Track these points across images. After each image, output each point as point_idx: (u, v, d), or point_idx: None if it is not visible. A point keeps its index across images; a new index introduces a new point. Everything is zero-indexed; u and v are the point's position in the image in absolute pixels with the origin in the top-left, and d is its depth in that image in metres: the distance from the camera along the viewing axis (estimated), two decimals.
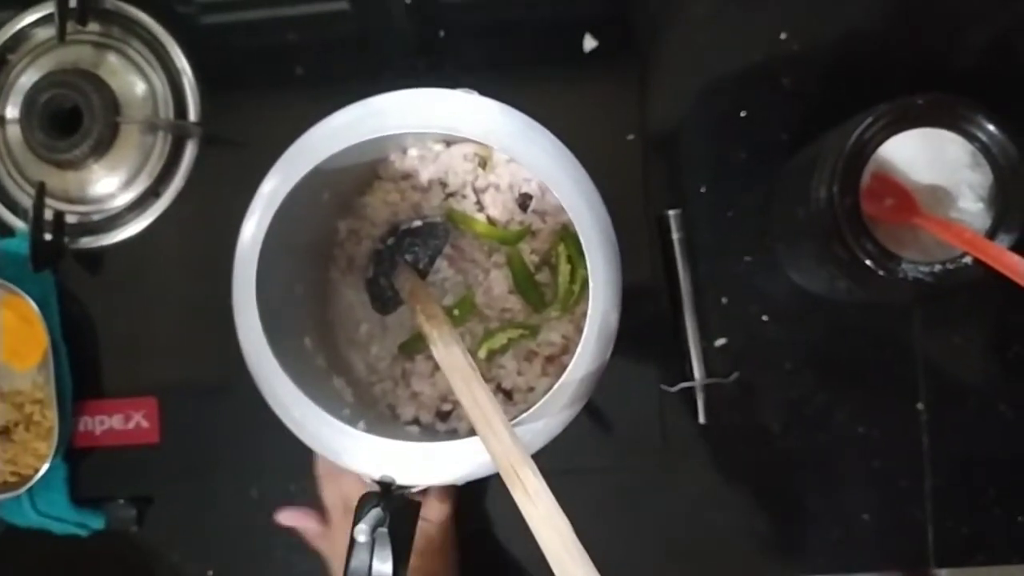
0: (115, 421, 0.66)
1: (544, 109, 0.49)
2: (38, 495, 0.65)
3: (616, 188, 0.49)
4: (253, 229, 0.47)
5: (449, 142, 0.55)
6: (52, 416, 0.63)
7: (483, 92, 0.49)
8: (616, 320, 0.44)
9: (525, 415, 0.44)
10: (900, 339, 0.64)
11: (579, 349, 0.43)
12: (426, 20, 0.66)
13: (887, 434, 0.64)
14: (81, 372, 0.66)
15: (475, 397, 0.42)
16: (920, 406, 0.64)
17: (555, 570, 0.37)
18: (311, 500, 0.65)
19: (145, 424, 0.66)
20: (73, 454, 0.66)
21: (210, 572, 0.67)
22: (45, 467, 0.63)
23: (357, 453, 0.46)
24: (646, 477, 0.65)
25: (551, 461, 0.43)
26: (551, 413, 0.44)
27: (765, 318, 0.65)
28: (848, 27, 0.65)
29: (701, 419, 0.64)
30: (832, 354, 0.65)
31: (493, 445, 0.41)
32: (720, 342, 0.65)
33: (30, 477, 0.63)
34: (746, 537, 0.65)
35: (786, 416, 0.64)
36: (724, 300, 0.65)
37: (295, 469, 0.64)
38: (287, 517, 0.63)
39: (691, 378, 0.64)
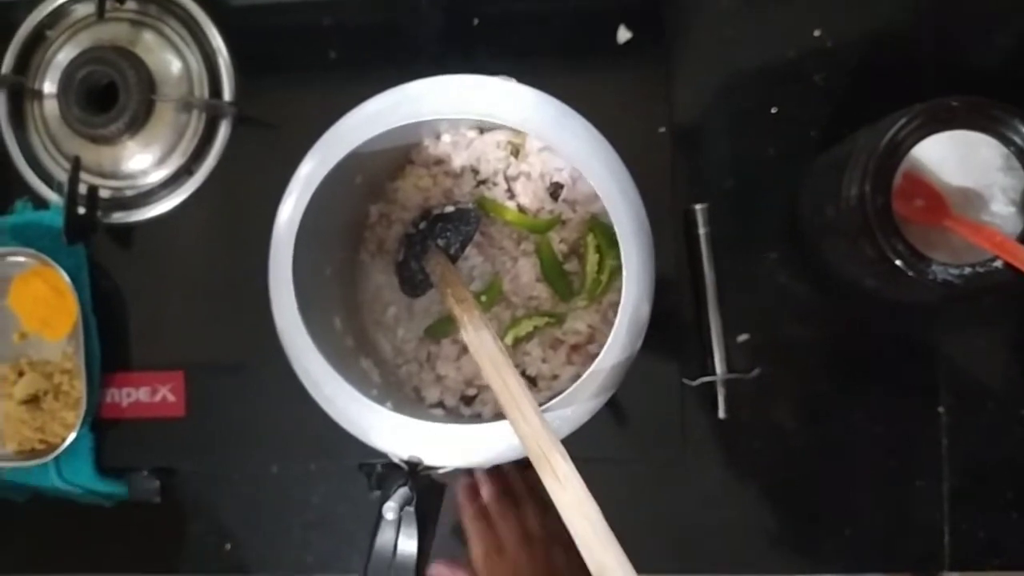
0: (142, 394, 0.67)
1: (576, 100, 0.49)
2: (64, 463, 0.66)
3: (645, 181, 0.49)
4: (290, 210, 0.47)
5: (483, 129, 0.55)
6: (80, 387, 0.64)
7: (517, 81, 0.49)
8: (648, 311, 0.44)
9: (554, 402, 0.44)
10: (923, 340, 0.64)
11: (610, 338, 0.44)
12: (459, 8, 0.66)
13: (906, 434, 0.64)
14: (110, 345, 0.67)
15: (505, 381, 0.43)
16: (941, 408, 0.63)
17: (585, 557, 0.37)
18: (328, 478, 0.66)
19: (171, 398, 0.67)
20: (99, 425, 0.67)
21: (228, 545, 0.68)
22: (72, 436, 0.64)
23: (384, 431, 0.47)
24: (663, 469, 0.65)
25: (570, 449, 0.43)
26: (580, 400, 0.44)
27: (788, 315, 0.65)
28: (882, 26, 0.64)
29: (721, 414, 0.64)
30: (854, 353, 0.65)
31: (523, 429, 0.41)
32: (742, 338, 0.65)
33: (57, 445, 0.64)
34: (761, 533, 0.65)
35: (805, 413, 0.64)
36: (747, 296, 0.65)
37: (316, 447, 0.65)
38: (438, 570, 0.60)
39: (712, 373, 0.64)
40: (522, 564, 0.55)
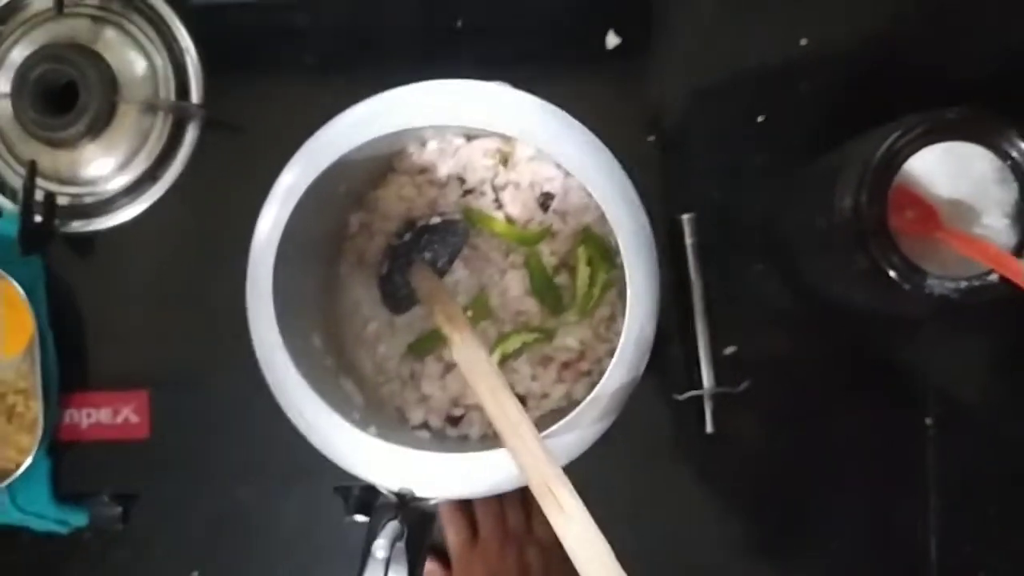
0: (103, 415, 0.64)
1: (562, 106, 0.47)
2: (19, 490, 0.62)
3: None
4: (270, 224, 0.45)
5: (470, 136, 0.53)
6: (36, 407, 0.61)
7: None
8: (652, 331, 0.43)
9: (555, 428, 0.42)
10: (911, 353, 0.63)
11: (614, 359, 0.42)
12: (441, 10, 0.64)
13: (893, 448, 0.63)
14: (68, 362, 0.63)
15: (502, 406, 0.41)
16: (928, 421, 0.63)
17: None
18: (301, 501, 0.64)
19: (134, 418, 0.64)
20: (57, 448, 0.63)
21: (195, 573, 0.65)
22: (28, 461, 0.60)
23: (372, 462, 0.44)
24: (652, 483, 0.64)
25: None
26: (582, 426, 0.42)
27: (776, 327, 0.64)
28: (870, 35, 0.64)
29: (709, 428, 0.63)
30: (842, 366, 0.64)
31: (523, 458, 0.39)
32: (729, 350, 0.64)
33: (11, 472, 0.60)
34: (749, 548, 0.64)
35: (793, 426, 0.63)
36: (734, 308, 0.63)
37: (288, 469, 0.63)
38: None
39: (699, 386, 0.62)
40: (492, 557, 0.55)
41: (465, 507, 0.58)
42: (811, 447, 0.63)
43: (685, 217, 0.63)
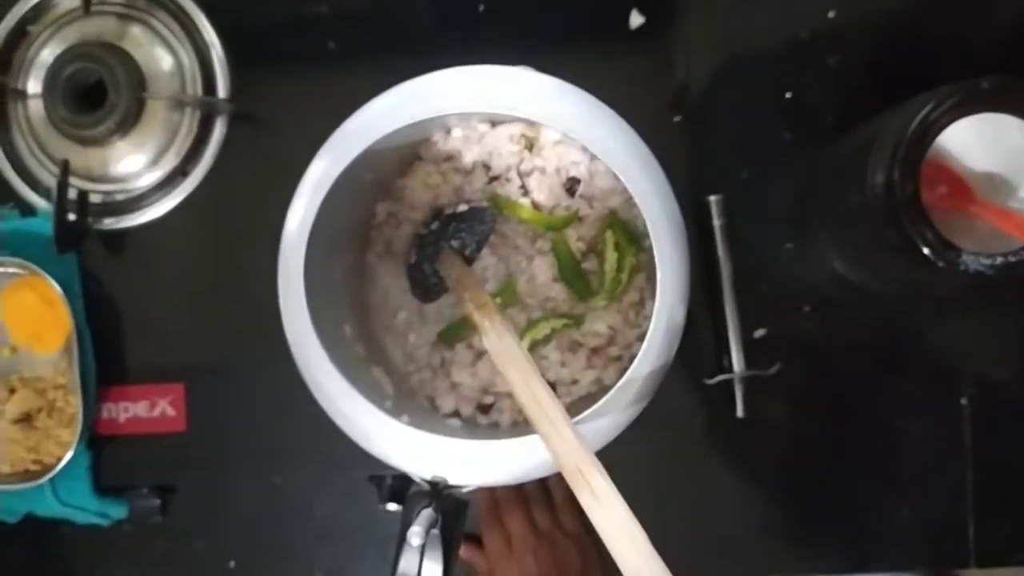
0: (140, 408, 0.64)
1: (587, 88, 0.47)
2: (60, 484, 0.63)
3: None
4: (301, 215, 0.45)
5: (495, 122, 0.53)
6: (76, 402, 0.61)
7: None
8: (683, 315, 0.42)
9: (587, 413, 0.42)
10: (944, 332, 0.63)
11: (645, 343, 0.41)
12: None
13: (929, 429, 0.62)
14: (105, 357, 0.64)
15: (534, 392, 0.40)
16: (963, 400, 0.62)
17: None
18: (335, 490, 0.64)
19: (171, 412, 0.64)
20: (96, 442, 0.64)
21: (232, 563, 0.66)
22: (68, 455, 0.61)
23: (404, 450, 0.44)
24: (683, 469, 0.63)
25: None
26: (615, 411, 0.42)
27: (806, 308, 0.63)
28: (896, 7, 0.63)
29: (739, 412, 0.62)
30: (874, 346, 0.63)
31: (556, 444, 0.39)
32: (759, 333, 0.63)
33: (53, 466, 0.61)
34: (784, 532, 0.63)
35: (826, 409, 0.63)
36: (764, 289, 0.63)
37: (321, 458, 0.63)
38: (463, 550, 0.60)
39: (729, 370, 0.62)
40: (526, 558, 0.55)
41: (497, 511, 0.58)
42: (843, 430, 0.63)
43: (712, 198, 0.62)
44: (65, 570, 0.67)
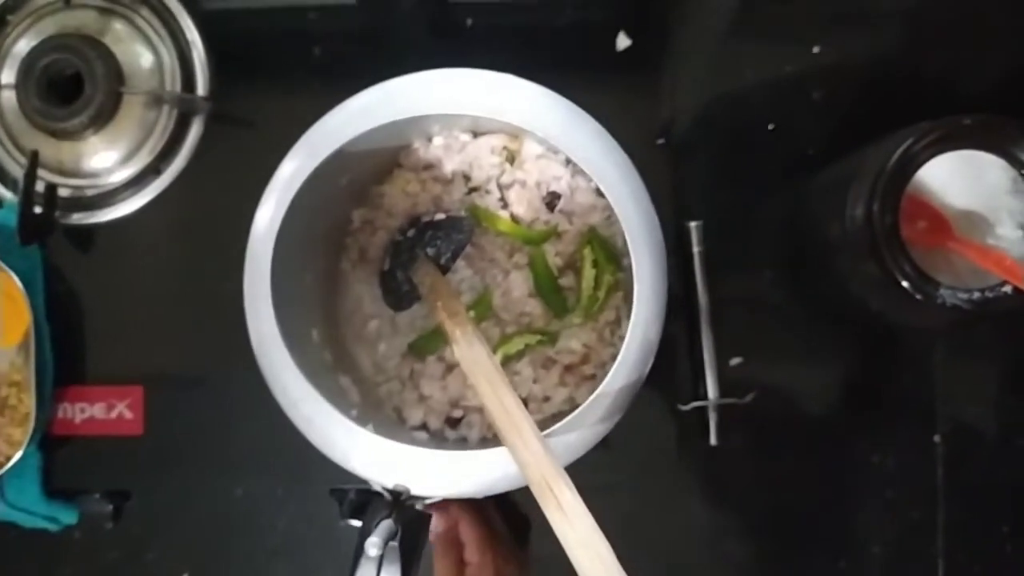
0: (97, 410, 0.62)
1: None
2: (8, 485, 0.61)
3: None
4: (270, 213, 0.44)
5: (476, 133, 0.52)
6: (29, 401, 0.59)
7: None
8: (659, 331, 0.42)
9: (557, 427, 0.41)
10: (920, 367, 0.62)
11: (619, 358, 0.41)
12: (452, 8, 0.63)
13: (902, 463, 0.62)
14: (64, 356, 0.62)
15: (503, 403, 0.40)
16: (936, 437, 0.62)
17: None
18: (295, 504, 0.62)
19: (129, 415, 0.62)
20: (49, 442, 0.62)
21: (186, 574, 0.63)
22: (18, 455, 0.59)
23: (367, 457, 0.43)
24: (653, 494, 0.62)
25: None
26: (585, 426, 0.41)
27: (783, 338, 0.63)
28: (881, 44, 0.63)
29: (713, 440, 0.61)
30: (850, 379, 0.63)
31: (523, 456, 0.38)
32: (735, 361, 0.62)
33: (1, 465, 0.59)
34: (754, 562, 0.62)
35: (799, 440, 0.62)
36: (741, 318, 0.62)
37: (283, 470, 0.62)
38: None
39: (704, 397, 0.61)
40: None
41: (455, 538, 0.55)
42: (816, 462, 0.62)
43: (692, 224, 0.62)
44: None
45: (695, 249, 0.62)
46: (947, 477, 0.61)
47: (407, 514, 0.41)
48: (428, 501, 0.44)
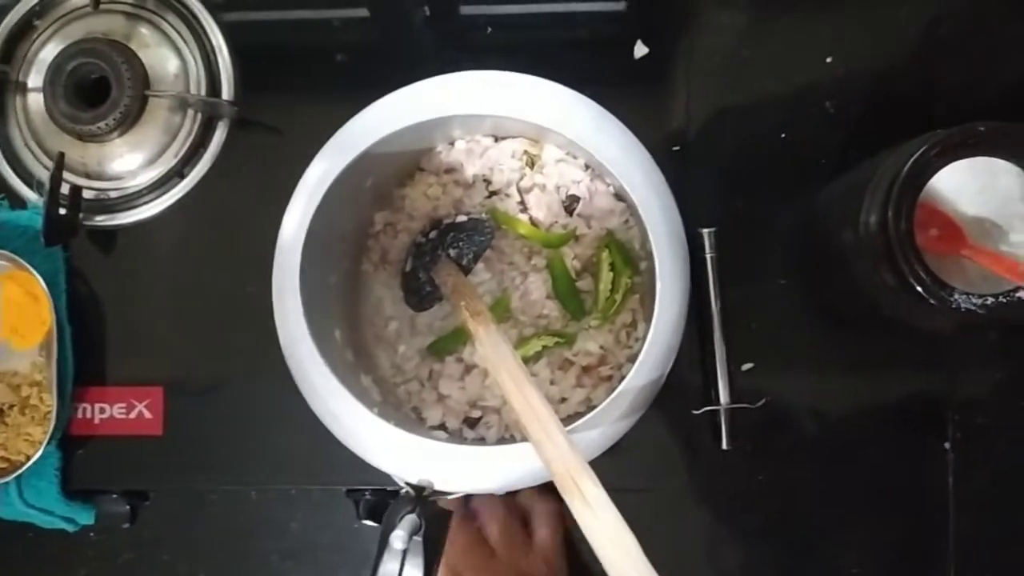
0: (116, 410, 0.63)
1: None
2: (27, 484, 0.61)
3: None
4: (299, 215, 0.45)
5: (498, 137, 0.53)
6: (50, 400, 0.60)
7: None
8: (682, 330, 0.42)
9: (580, 423, 0.41)
10: (931, 375, 0.62)
11: (640, 356, 0.41)
12: (471, 16, 0.64)
13: (912, 472, 0.62)
14: (85, 356, 0.63)
15: (527, 399, 0.40)
16: (947, 445, 0.62)
17: None
18: (312, 506, 0.63)
19: (148, 415, 0.63)
20: (68, 442, 0.63)
21: (201, 575, 0.64)
22: (38, 454, 0.59)
23: (390, 452, 0.43)
24: (666, 500, 0.63)
25: None
26: (607, 422, 0.41)
27: (795, 344, 0.63)
28: (893, 54, 0.64)
29: (724, 445, 0.62)
30: (861, 385, 0.63)
31: (548, 451, 0.38)
32: (747, 366, 0.63)
33: (20, 464, 0.59)
34: (764, 568, 0.63)
35: (810, 446, 0.62)
36: (753, 323, 0.63)
37: (300, 471, 0.62)
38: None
39: (716, 402, 0.62)
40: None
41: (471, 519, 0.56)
42: (829, 468, 0.62)
43: (705, 231, 0.62)
44: None
45: (708, 255, 0.62)
46: (957, 486, 0.61)
47: (430, 509, 0.41)
48: (450, 496, 0.44)
